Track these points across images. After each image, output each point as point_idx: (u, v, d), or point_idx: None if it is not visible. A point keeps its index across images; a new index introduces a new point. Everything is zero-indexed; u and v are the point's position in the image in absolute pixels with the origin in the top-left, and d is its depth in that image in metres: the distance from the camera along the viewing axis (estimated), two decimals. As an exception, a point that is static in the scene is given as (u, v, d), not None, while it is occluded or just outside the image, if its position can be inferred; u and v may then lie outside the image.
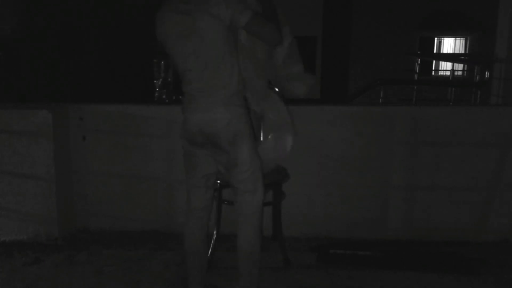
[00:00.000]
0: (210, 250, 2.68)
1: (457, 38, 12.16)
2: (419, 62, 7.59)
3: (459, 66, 10.18)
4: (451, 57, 10.32)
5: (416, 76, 7.63)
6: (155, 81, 3.34)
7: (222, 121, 2.06)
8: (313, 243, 3.07)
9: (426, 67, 11.04)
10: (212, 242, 2.76)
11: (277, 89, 2.46)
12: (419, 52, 11.25)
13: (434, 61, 11.77)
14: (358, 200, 3.16)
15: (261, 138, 2.54)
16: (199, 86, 2.07)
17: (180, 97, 2.23)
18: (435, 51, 12.16)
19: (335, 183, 3.15)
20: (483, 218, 3.14)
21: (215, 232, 2.78)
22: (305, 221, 3.18)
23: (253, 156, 2.15)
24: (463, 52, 12.09)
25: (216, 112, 2.07)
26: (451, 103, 6.07)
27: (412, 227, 3.17)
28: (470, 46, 12.01)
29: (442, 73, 11.60)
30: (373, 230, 3.17)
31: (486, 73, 5.55)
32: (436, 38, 12.21)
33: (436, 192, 3.13)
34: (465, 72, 10.37)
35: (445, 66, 11.20)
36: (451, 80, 8.85)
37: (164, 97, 3.34)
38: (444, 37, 12.22)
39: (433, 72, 11.68)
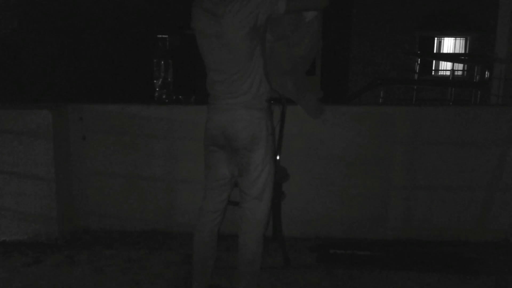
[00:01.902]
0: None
1: (457, 38, 12.15)
2: (419, 62, 7.60)
3: (459, 66, 10.18)
4: (451, 57, 10.32)
5: (416, 76, 7.64)
6: (155, 81, 3.34)
7: (240, 123, 2.06)
8: (313, 243, 3.07)
9: (426, 67, 11.03)
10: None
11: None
12: (419, 52, 11.24)
13: (434, 61, 11.76)
14: (358, 200, 3.16)
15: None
16: (222, 88, 2.07)
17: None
18: (435, 51, 12.14)
19: (335, 183, 3.15)
20: (483, 218, 3.14)
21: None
22: (305, 221, 3.18)
23: (267, 164, 2.12)
24: (463, 52, 12.08)
25: (236, 114, 2.06)
26: (451, 103, 6.08)
27: (412, 227, 3.17)
28: (470, 46, 12.00)
29: (442, 73, 11.58)
30: (373, 230, 3.17)
31: (486, 73, 5.55)
32: (436, 38, 12.19)
33: (436, 192, 3.13)
34: (465, 72, 10.37)
35: (445, 66, 11.19)
36: (451, 80, 8.85)
37: (164, 97, 3.34)
38: (444, 37, 12.20)
39: (433, 72, 11.67)
